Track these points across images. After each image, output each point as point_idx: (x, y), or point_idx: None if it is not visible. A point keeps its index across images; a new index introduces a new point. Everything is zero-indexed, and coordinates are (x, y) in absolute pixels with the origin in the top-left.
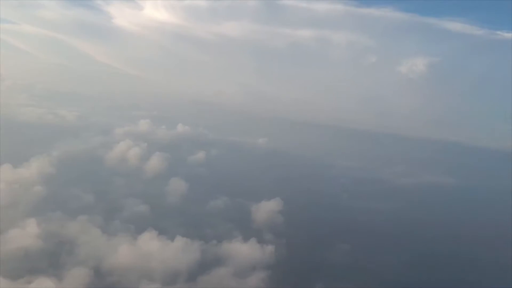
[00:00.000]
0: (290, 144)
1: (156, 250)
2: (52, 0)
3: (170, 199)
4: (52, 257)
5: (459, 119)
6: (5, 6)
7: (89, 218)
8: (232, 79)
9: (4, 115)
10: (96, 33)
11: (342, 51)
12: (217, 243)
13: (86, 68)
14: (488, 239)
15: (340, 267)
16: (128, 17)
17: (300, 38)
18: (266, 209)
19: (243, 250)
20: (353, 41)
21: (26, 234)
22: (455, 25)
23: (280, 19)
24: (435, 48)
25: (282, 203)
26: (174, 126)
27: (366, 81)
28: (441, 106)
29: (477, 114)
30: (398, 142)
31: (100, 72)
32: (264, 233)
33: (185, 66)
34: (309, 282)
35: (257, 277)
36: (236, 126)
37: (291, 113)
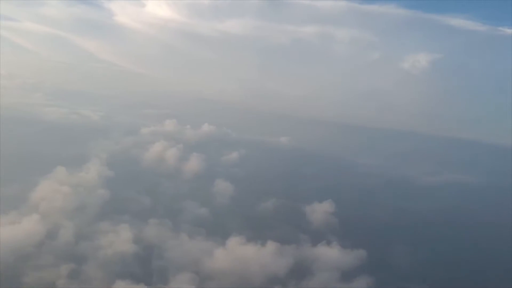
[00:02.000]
0: (310, 142)
1: (248, 254)
2: None
3: (221, 201)
4: (147, 262)
5: (462, 115)
6: (7, 4)
7: (159, 221)
8: (236, 76)
9: (31, 115)
10: (98, 30)
11: (346, 48)
12: (297, 246)
13: (89, 66)
14: None
15: (415, 268)
16: (130, 15)
17: (303, 35)
18: (320, 211)
19: (332, 254)
20: (357, 38)
21: (120, 239)
22: (458, 22)
23: (283, 15)
24: (438, 44)
25: (334, 205)
26: (198, 126)
27: (369, 78)
28: (444, 102)
29: (480, 110)
30: (405, 138)
31: (103, 70)
32: (327, 235)
33: (188, 63)
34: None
35: (363, 282)
36: (251, 124)
37: (296, 110)
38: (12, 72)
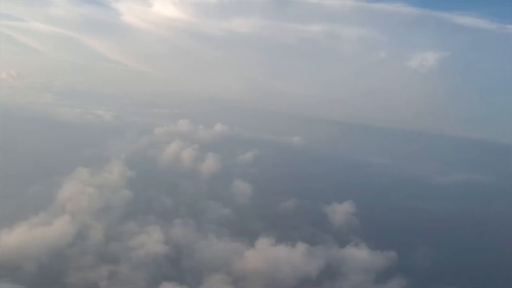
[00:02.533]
0: (321, 142)
1: (278, 255)
2: None
3: (241, 201)
4: (179, 263)
5: (470, 114)
6: (14, 4)
7: (184, 221)
8: (243, 75)
9: (45, 115)
10: (105, 30)
11: (353, 46)
12: (325, 247)
13: (97, 66)
14: None
15: (442, 268)
16: (137, 14)
17: (311, 34)
18: (341, 211)
19: (362, 255)
20: (364, 36)
21: (151, 240)
22: (466, 20)
23: (290, 14)
24: (445, 42)
25: (355, 206)
26: (210, 125)
27: (377, 76)
28: (452, 101)
29: (489, 109)
30: (414, 137)
31: (111, 69)
32: (350, 236)
33: (195, 62)
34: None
35: (396, 283)
36: (261, 124)
37: (304, 109)
38: (22, 72)
